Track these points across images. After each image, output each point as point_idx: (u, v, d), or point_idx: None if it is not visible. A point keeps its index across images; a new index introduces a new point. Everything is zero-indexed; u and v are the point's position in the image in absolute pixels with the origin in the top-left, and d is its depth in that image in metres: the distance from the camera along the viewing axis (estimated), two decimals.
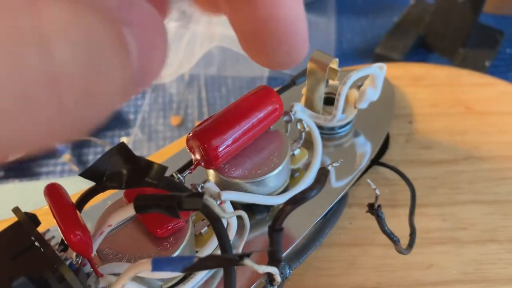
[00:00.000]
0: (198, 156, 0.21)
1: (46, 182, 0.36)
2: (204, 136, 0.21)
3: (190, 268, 0.15)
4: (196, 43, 0.43)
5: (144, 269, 0.16)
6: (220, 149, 0.21)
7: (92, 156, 0.38)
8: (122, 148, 0.17)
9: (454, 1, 0.36)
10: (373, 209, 0.19)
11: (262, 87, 0.23)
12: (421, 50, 0.43)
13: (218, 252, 0.21)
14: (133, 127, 0.39)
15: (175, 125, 0.39)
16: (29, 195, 0.37)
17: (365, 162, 0.26)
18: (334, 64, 0.24)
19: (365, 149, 0.27)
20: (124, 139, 0.39)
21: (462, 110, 0.29)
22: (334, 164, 0.19)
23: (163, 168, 0.17)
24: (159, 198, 0.17)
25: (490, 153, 0.28)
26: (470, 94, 0.30)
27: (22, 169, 0.37)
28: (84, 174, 0.18)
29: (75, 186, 0.37)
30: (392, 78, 0.30)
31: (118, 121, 0.39)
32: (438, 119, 0.29)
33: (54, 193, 0.18)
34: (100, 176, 0.18)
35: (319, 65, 0.24)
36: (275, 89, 0.28)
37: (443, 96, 0.30)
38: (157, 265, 0.16)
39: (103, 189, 0.18)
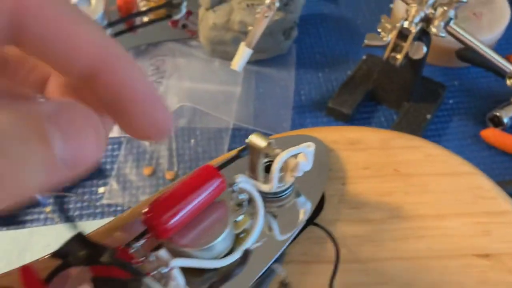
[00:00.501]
0: (151, 229, 0.25)
1: (31, 229, 0.40)
2: (155, 215, 0.24)
3: None
4: (168, 97, 0.46)
5: None
6: (168, 225, 0.24)
7: (72, 205, 0.42)
8: (80, 236, 0.21)
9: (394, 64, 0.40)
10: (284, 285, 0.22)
11: (205, 167, 0.27)
12: (371, 103, 0.47)
13: None
14: (110, 177, 0.43)
15: (146, 175, 0.43)
16: (15, 243, 0.40)
17: (301, 223, 0.30)
18: (271, 142, 0.28)
19: (304, 208, 0.31)
20: (101, 190, 0.42)
21: (390, 172, 0.33)
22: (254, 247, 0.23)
23: (113, 251, 0.21)
24: (109, 282, 0.21)
25: (412, 212, 0.31)
26: (398, 156, 0.34)
27: (8, 218, 0.40)
28: (55, 255, 0.22)
29: (57, 233, 0.40)
30: (330, 142, 0.34)
31: (97, 172, 0.43)
32: (368, 181, 0.33)
33: (26, 274, 0.21)
34: (65, 256, 0.22)
35: (257, 145, 0.28)
36: (226, 160, 0.31)
37: (374, 159, 0.34)
38: None
39: (68, 266, 0.22)
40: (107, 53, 0.15)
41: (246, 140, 0.28)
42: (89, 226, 0.40)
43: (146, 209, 0.25)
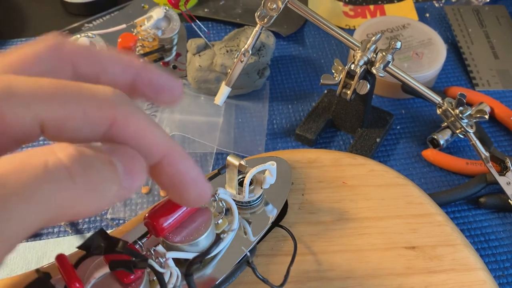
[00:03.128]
0: (151, 229, 0.32)
1: (47, 241, 0.46)
2: (155, 218, 0.31)
3: None
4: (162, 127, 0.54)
5: None
6: (165, 226, 0.31)
7: (81, 219, 0.48)
8: (102, 231, 0.28)
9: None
10: (249, 264, 0.29)
11: None
12: (332, 129, 0.55)
13: None
14: None
15: (144, 193, 0.50)
16: (33, 252, 0.46)
17: (268, 224, 0.37)
18: (243, 162, 0.35)
19: (271, 214, 0.38)
20: None
21: (339, 185, 0.40)
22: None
23: (125, 242, 0.28)
24: (122, 263, 0.27)
25: (356, 215, 0.38)
26: (346, 172, 0.41)
27: None
28: (80, 247, 0.28)
29: (69, 243, 0.47)
30: (293, 161, 0.42)
31: None
32: (322, 192, 0.40)
33: (61, 260, 0.28)
34: (88, 248, 0.28)
35: (232, 164, 0.35)
36: (209, 176, 0.39)
37: (327, 174, 0.41)
38: None
39: (91, 255, 0.29)
40: (170, 151, 0.21)
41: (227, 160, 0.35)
42: None
43: (147, 214, 0.32)
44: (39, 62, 0.20)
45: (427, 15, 0.70)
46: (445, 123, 0.49)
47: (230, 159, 0.35)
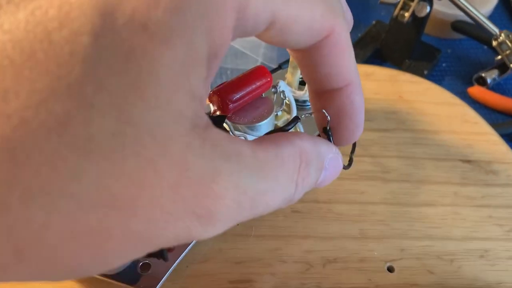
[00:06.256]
0: (215, 107, 0.32)
1: None
2: (221, 94, 0.31)
3: None
4: None
5: None
6: (230, 104, 0.31)
7: None
8: None
9: (401, 22, 0.48)
10: (326, 130, 0.29)
11: (259, 66, 0.34)
12: (377, 60, 0.55)
13: None
14: None
15: None
16: None
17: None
18: None
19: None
20: None
21: (396, 98, 0.40)
22: (304, 116, 0.30)
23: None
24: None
25: (412, 127, 0.39)
26: (403, 87, 0.41)
27: None
28: None
29: None
30: None
31: None
32: (379, 102, 0.40)
33: None
34: None
35: None
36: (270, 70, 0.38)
37: (384, 88, 0.41)
38: None
39: None
40: (355, 81, 0.19)
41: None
42: None
43: (213, 91, 0.32)
44: None
45: None
46: (499, 57, 0.49)
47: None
